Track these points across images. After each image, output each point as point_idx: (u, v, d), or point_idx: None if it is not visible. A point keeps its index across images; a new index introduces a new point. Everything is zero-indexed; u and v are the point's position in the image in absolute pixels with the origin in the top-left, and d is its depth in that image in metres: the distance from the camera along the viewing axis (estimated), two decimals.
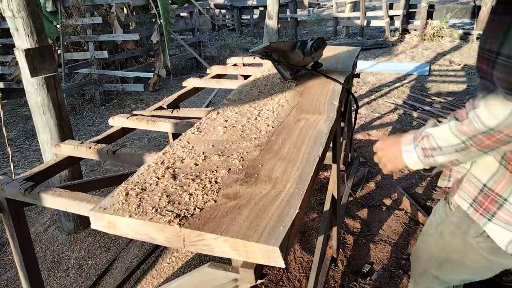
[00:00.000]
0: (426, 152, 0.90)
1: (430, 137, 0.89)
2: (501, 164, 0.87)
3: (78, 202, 1.14)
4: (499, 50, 0.72)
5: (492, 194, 0.89)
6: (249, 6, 12.04)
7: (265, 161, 1.04)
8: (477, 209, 0.93)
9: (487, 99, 0.75)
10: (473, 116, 0.78)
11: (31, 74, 2.17)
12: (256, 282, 0.87)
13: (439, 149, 0.87)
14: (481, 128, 0.77)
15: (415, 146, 0.93)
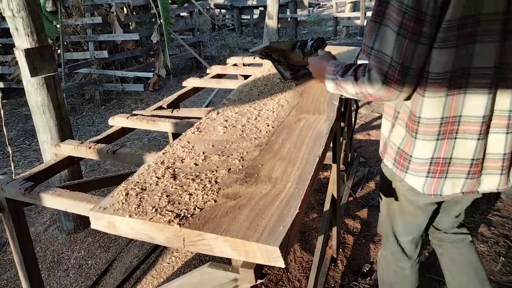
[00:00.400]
0: (337, 87, 1.20)
1: (338, 82, 1.18)
2: (406, 131, 1.15)
3: (78, 202, 1.14)
4: (372, 46, 1.03)
5: (403, 153, 1.17)
6: (249, 6, 12.05)
7: (265, 161, 1.05)
8: (397, 166, 1.21)
9: (371, 73, 1.04)
10: (362, 82, 1.08)
11: (31, 74, 2.17)
12: (256, 282, 0.87)
13: (344, 90, 1.17)
14: (365, 91, 1.09)
15: (332, 79, 1.21)
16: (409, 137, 1.13)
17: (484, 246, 2.29)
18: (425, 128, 1.08)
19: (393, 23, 0.96)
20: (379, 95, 1.05)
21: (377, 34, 1.00)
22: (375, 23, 1.00)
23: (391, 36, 0.97)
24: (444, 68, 1.00)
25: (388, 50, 0.98)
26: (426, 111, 1.06)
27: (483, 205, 2.69)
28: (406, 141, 1.15)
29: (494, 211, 2.62)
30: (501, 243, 2.30)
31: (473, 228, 2.45)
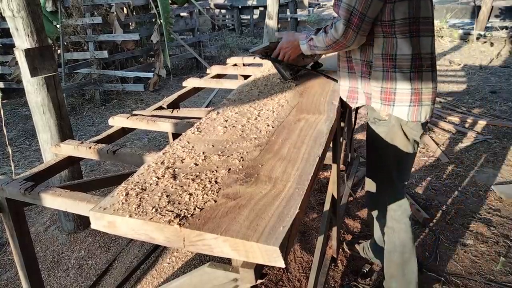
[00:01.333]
0: (311, 47, 1.55)
1: (312, 40, 1.53)
2: (384, 71, 1.45)
3: (78, 202, 1.14)
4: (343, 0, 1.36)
5: (387, 89, 1.47)
6: (249, 6, 12.04)
7: (265, 161, 1.05)
8: (385, 103, 1.49)
9: (337, 23, 1.39)
10: (330, 32, 1.42)
11: (31, 74, 2.17)
12: (256, 282, 0.86)
13: (316, 47, 1.53)
14: (332, 38, 1.42)
15: (305, 42, 1.57)
16: (390, 74, 1.44)
17: (484, 246, 2.29)
18: (400, 62, 1.41)
19: None
20: (341, 39, 1.38)
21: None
22: None
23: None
24: (404, 15, 1.36)
25: (353, 2, 1.32)
26: (403, 49, 1.40)
27: (482, 205, 2.69)
28: (386, 78, 1.45)
29: (494, 211, 2.62)
30: (501, 243, 2.30)
31: (473, 228, 2.46)
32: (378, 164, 1.70)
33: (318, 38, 1.47)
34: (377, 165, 1.71)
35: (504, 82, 5.58)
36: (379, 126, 1.58)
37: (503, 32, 7.93)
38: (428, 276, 2.08)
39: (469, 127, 3.98)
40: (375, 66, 1.46)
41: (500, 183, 2.92)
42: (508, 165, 3.22)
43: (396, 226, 1.70)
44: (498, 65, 6.62)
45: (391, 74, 1.44)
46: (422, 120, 1.48)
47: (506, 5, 10.20)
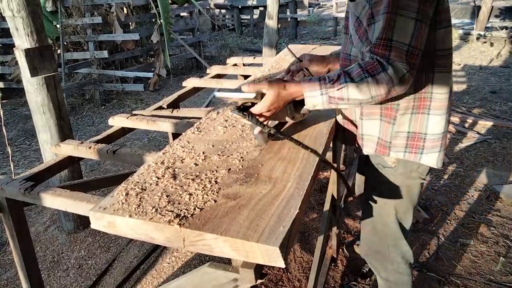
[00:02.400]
0: (333, 100, 1.03)
1: (345, 89, 1.01)
2: (413, 114, 1.19)
3: (78, 202, 1.14)
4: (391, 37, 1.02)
5: (416, 134, 1.21)
6: (249, 6, 12.04)
7: (265, 161, 1.04)
8: (411, 150, 1.23)
9: (395, 65, 0.99)
10: (384, 78, 0.99)
11: (31, 74, 2.17)
12: (256, 282, 0.86)
13: (346, 100, 1.02)
14: (389, 87, 1.00)
15: (322, 93, 1.03)
16: (421, 116, 1.19)
17: (484, 246, 2.29)
18: (439, 103, 1.17)
19: (409, 11, 0.99)
20: (403, 86, 1.02)
21: (394, 26, 1.00)
22: (389, 14, 1.00)
23: (409, 23, 1.00)
24: (447, 45, 1.14)
25: (406, 38, 1.00)
26: (438, 87, 1.15)
27: (482, 205, 2.69)
28: (415, 122, 1.19)
29: (494, 211, 2.62)
30: (501, 243, 2.30)
31: (473, 228, 2.46)
32: (381, 212, 1.40)
33: (355, 88, 1.00)
34: (379, 213, 1.41)
35: (504, 82, 5.58)
36: (384, 174, 1.33)
37: (503, 32, 7.94)
38: (428, 276, 2.08)
39: (469, 127, 3.98)
40: (401, 110, 1.19)
41: (500, 183, 2.92)
42: (508, 165, 3.22)
43: (399, 279, 1.48)
44: (498, 65, 6.62)
45: (422, 117, 1.19)
46: (440, 165, 1.27)
47: (506, 5, 10.20)
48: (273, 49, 5.41)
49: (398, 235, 1.40)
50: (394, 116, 1.21)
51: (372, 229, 1.45)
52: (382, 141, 1.26)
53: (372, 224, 1.44)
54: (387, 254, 1.43)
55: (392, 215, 1.37)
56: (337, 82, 1.02)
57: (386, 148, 1.26)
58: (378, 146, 1.28)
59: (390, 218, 1.37)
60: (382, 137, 1.26)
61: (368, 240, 1.50)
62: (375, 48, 1.01)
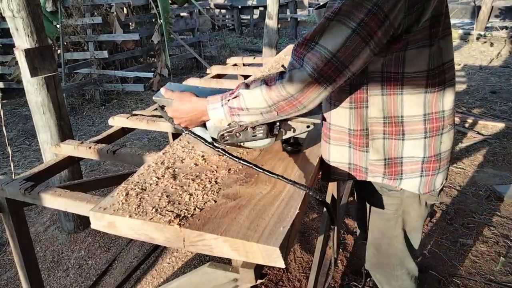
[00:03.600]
0: (233, 111, 0.98)
1: (241, 98, 0.96)
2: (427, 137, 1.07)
3: (78, 202, 1.14)
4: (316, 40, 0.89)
5: (431, 158, 1.09)
6: (249, 6, 12.04)
7: (265, 161, 1.04)
8: (428, 174, 1.11)
9: (296, 71, 0.89)
10: (280, 84, 0.91)
11: (31, 74, 2.17)
12: (256, 282, 0.87)
13: (246, 110, 0.96)
14: (283, 93, 0.90)
15: (222, 105, 0.99)
16: (434, 138, 1.07)
17: (484, 246, 2.29)
18: (449, 119, 1.08)
19: (350, 19, 0.86)
20: (302, 96, 0.90)
21: (325, 30, 0.88)
22: (327, 19, 0.89)
23: (344, 32, 0.86)
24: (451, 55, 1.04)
25: (332, 46, 0.87)
26: (447, 103, 1.05)
27: (482, 205, 2.69)
28: (429, 145, 1.08)
29: (494, 211, 2.62)
30: (501, 243, 2.30)
31: (473, 228, 2.46)
32: (386, 234, 1.30)
33: (255, 95, 0.94)
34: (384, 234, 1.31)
35: (504, 82, 5.58)
36: (389, 197, 1.22)
37: (503, 32, 7.94)
38: (428, 276, 2.08)
39: (469, 127, 3.98)
40: (408, 133, 1.07)
41: (500, 183, 2.92)
42: (508, 165, 3.22)
43: None
44: (498, 65, 6.62)
45: (436, 138, 1.07)
46: (438, 188, 1.15)
47: (506, 5, 10.21)
48: (273, 49, 5.41)
49: (405, 254, 1.31)
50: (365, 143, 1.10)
51: (376, 250, 1.36)
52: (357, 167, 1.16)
53: (377, 245, 1.35)
54: (393, 272, 1.35)
55: (398, 236, 1.27)
56: (235, 91, 0.98)
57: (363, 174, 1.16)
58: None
59: (396, 239, 1.28)
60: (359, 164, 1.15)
61: (372, 259, 1.41)
62: (297, 47, 0.92)
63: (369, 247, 1.39)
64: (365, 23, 0.85)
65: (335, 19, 0.87)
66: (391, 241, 1.29)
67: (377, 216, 1.28)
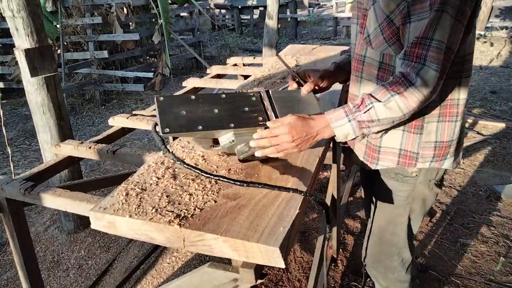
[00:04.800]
0: (363, 124, 0.99)
1: (372, 110, 0.97)
2: (441, 121, 1.14)
3: (78, 202, 1.14)
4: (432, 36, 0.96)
5: (443, 143, 1.16)
6: (249, 6, 12.04)
7: (265, 162, 1.04)
8: (437, 159, 1.18)
9: (425, 70, 0.95)
10: (414, 88, 0.95)
11: (31, 74, 2.17)
12: (256, 282, 0.87)
13: (377, 121, 0.98)
14: (420, 96, 0.95)
15: (350, 120, 0.99)
16: (448, 124, 1.13)
17: (484, 246, 2.29)
18: (462, 108, 1.13)
19: (453, 9, 0.92)
20: (434, 92, 0.96)
21: (437, 23, 0.93)
22: (437, 11, 0.93)
23: (449, 22, 0.93)
24: (472, 49, 1.09)
25: (444, 37, 0.93)
26: (464, 92, 1.11)
27: (482, 205, 2.69)
28: (443, 131, 1.14)
29: (494, 211, 2.62)
30: (501, 243, 2.30)
31: (473, 228, 2.46)
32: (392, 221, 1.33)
33: (391, 106, 0.95)
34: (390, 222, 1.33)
35: (504, 82, 5.58)
36: (402, 184, 1.25)
37: (503, 32, 7.94)
38: (428, 276, 2.08)
39: (469, 127, 3.98)
40: (428, 117, 1.12)
41: (500, 183, 2.92)
42: (508, 165, 3.22)
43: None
44: (498, 65, 6.62)
45: (451, 125, 1.14)
46: (460, 161, 1.27)
47: (506, 5, 10.20)
48: (273, 49, 5.41)
49: (405, 242, 1.34)
50: (420, 125, 1.13)
51: (379, 239, 1.38)
52: (408, 153, 1.17)
53: (380, 234, 1.37)
54: (391, 263, 1.38)
55: (404, 223, 1.31)
56: (362, 105, 0.98)
57: (413, 159, 1.18)
58: (402, 158, 1.19)
59: (401, 227, 1.31)
60: (406, 148, 1.17)
61: (373, 250, 1.42)
62: (412, 48, 0.96)
63: (371, 236, 1.41)
64: (462, 9, 0.93)
65: (440, 10, 0.93)
66: (396, 229, 1.32)
67: (387, 204, 1.31)
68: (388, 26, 1.04)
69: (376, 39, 1.10)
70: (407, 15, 0.99)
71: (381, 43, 1.09)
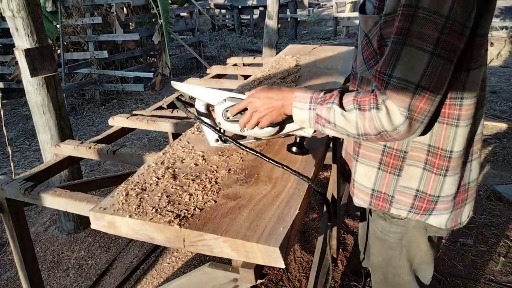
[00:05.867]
0: (319, 119, 0.89)
1: (332, 112, 0.87)
2: (427, 170, 0.96)
3: (78, 202, 1.14)
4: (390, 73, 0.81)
5: (426, 196, 0.99)
6: (249, 6, 12.05)
7: (265, 161, 1.04)
8: (417, 212, 1.01)
9: (388, 106, 0.81)
10: (374, 117, 0.82)
11: (31, 74, 2.17)
12: (256, 282, 0.87)
13: (333, 125, 0.88)
14: (379, 128, 0.82)
15: (310, 107, 0.90)
16: (434, 176, 0.96)
17: (484, 246, 2.29)
18: (456, 162, 0.94)
19: (425, 41, 0.76)
20: (398, 134, 0.82)
21: (398, 58, 0.79)
22: (396, 44, 0.79)
23: (422, 57, 0.77)
24: (476, 90, 0.90)
25: (414, 76, 0.78)
26: (459, 144, 0.92)
27: (482, 205, 2.69)
28: (428, 182, 0.97)
29: (494, 211, 2.62)
30: (501, 243, 2.30)
31: (473, 228, 2.46)
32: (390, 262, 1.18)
33: (343, 115, 0.86)
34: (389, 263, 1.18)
35: (504, 82, 5.58)
36: (391, 225, 1.10)
37: (503, 32, 7.94)
38: None
39: None
40: (410, 159, 0.97)
41: (500, 183, 2.92)
42: (508, 165, 3.22)
43: None
44: (498, 65, 6.62)
45: (437, 178, 0.96)
46: (464, 221, 1.07)
47: (506, 5, 10.21)
48: (273, 49, 5.41)
49: (414, 286, 1.16)
50: (399, 166, 0.99)
51: (383, 277, 1.22)
52: (381, 194, 1.05)
53: (382, 273, 1.22)
54: None
55: (404, 267, 1.14)
56: (328, 100, 0.88)
57: (386, 202, 1.05)
58: (374, 199, 1.07)
59: (403, 270, 1.15)
60: (380, 189, 1.04)
61: (379, 286, 1.27)
62: (374, 80, 0.84)
63: (375, 272, 1.27)
64: (443, 41, 0.76)
65: (406, 44, 0.78)
66: (396, 271, 1.17)
67: (380, 244, 1.17)
68: (367, 46, 0.94)
69: (357, 60, 1.01)
70: (381, 37, 0.87)
71: (360, 64, 0.99)
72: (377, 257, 1.22)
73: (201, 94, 1.03)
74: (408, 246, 1.10)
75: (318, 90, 0.93)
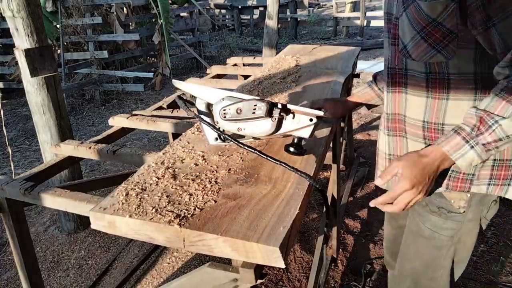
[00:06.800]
0: (489, 146, 0.84)
1: (498, 129, 0.82)
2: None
3: (78, 202, 1.14)
4: None
5: (504, 162, 0.97)
6: (249, 6, 12.05)
7: (265, 161, 1.04)
8: (497, 183, 1.00)
9: None
10: None
11: (31, 74, 2.17)
12: (256, 282, 0.87)
13: (506, 138, 0.82)
14: None
15: (472, 146, 0.85)
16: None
17: (484, 246, 2.29)
18: None
19: None
20: None
21: None
22: None
23: None
24: None
25: None
26: None
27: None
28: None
29: None
30: (501, 243, 2.30)
31: None
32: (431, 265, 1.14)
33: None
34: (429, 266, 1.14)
35: None
36: (446, 221, 1.06)
37: None
38: None
39: None
40: None
41: None
42: None
43: None
44: None
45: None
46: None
47: None
48: (273, 49, 5.42)
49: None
50: None
51: (414, 284, 1.18)
52: (459, 175, 1.00)
53: (415, 278, 1.17)
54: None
55: (446, 268, 1.11)
56: (482, 126, 0.84)
57: (465, 182, 1.00)
58: (453, 181, 1.01)
59: (442, 271, 1.12)
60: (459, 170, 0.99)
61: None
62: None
63: (402, 280, 1.21)
64: None
65: None
66: (435, 274, 1.13)
67: (425, 243, 1.11)
68: (436, 30, 0.90)
69: (418, 49, 0.96)
70: (487, 17, 0.83)
71: (424, 52, 0.95)
72: (413, 261, 1.16)
73: (202, 93, 1.04)
74: (457, 244, 1.08)
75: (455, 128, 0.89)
